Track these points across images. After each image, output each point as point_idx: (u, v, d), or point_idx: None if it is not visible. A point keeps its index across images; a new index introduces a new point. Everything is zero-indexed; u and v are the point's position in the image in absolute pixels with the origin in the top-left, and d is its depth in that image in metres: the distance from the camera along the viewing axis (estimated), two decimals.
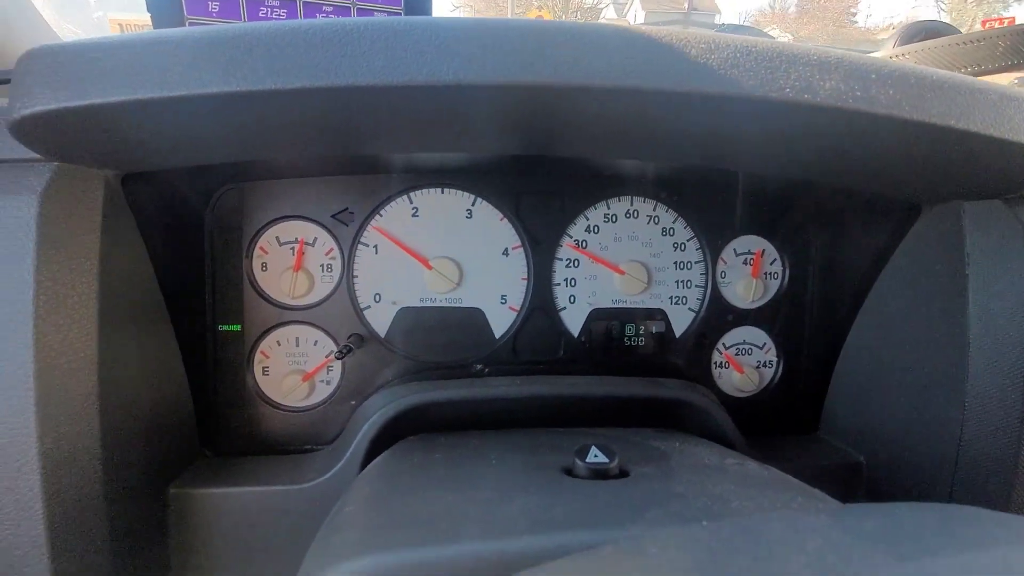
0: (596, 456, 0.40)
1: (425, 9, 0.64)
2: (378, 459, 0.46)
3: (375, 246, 0.65)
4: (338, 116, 0.42)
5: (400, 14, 0.64)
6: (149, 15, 0.57)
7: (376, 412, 0.54)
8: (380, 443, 0.53)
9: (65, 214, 0.40)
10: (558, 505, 0.33)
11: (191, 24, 0.58)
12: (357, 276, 0.65)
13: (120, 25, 0.74)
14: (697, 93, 0.34)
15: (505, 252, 0.68)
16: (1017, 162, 0.44)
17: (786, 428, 0.73)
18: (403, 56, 0.33)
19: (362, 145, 0.54)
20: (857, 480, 0.64)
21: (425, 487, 0.38)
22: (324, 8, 0.61)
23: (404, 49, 0.33)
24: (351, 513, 0.36)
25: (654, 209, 0.71)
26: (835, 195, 0.68)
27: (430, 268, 0.65)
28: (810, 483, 0.64)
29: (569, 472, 0.40)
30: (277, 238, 0.64)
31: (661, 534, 0.27)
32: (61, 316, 0.39)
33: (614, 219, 0.70)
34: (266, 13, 0.59)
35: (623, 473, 0.39)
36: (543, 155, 0.58)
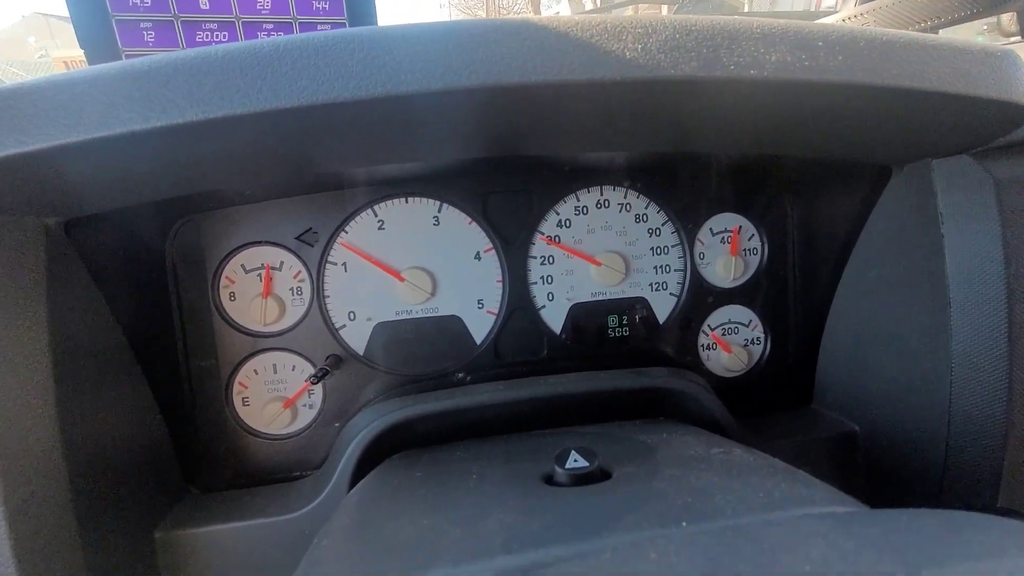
0: (576, 461, 0.39)
1: (369, 17, 0.62)
2: (358, 486, 0.45)
3: (344, 264, 0.64)
4: (279, 140, 0.40)
5: (344, 25, 0.63)
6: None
7: (359, 433, 0.53)
8: (366, 464, 0.52)
9: (3, 268, 0.38)
10: (535, 519, 0.32)
11: (127, 56, 0.56)
12: (329, 296, 0.64)
13: (65, 63, 0.72)
14: (634, 81, 0.33)
15: (477, 256, 0.67)
16: (979, 116, 0.43)
17: (780, 403, 0.73)
18: (327, 73, 0.31)
19: (315, 165, 0.53)
20: (853, 449, 0.63)
21: (403, 511, 0.37)
22: (264, 26, 0.59)
23: (326, 66, 0.31)
24: (327, 547, 0.35)
25: (625, 197, 0.70)
26: (806, 164, 0.67)
27: (402, 280, 0.64)
28: (808, 457, 0.64)
29: (550, 479, 0.39)
30: (242, 266, 0.62)
31: (663, 539, 0.26)
32: (9, 376, 0.38)
33: (585, 211, 0.69)
34: (205, 37, 0.58)
35: (605, 475, 0.38)
36: (508, 155, 0.57)
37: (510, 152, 0.58)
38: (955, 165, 0.51)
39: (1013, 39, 0.99)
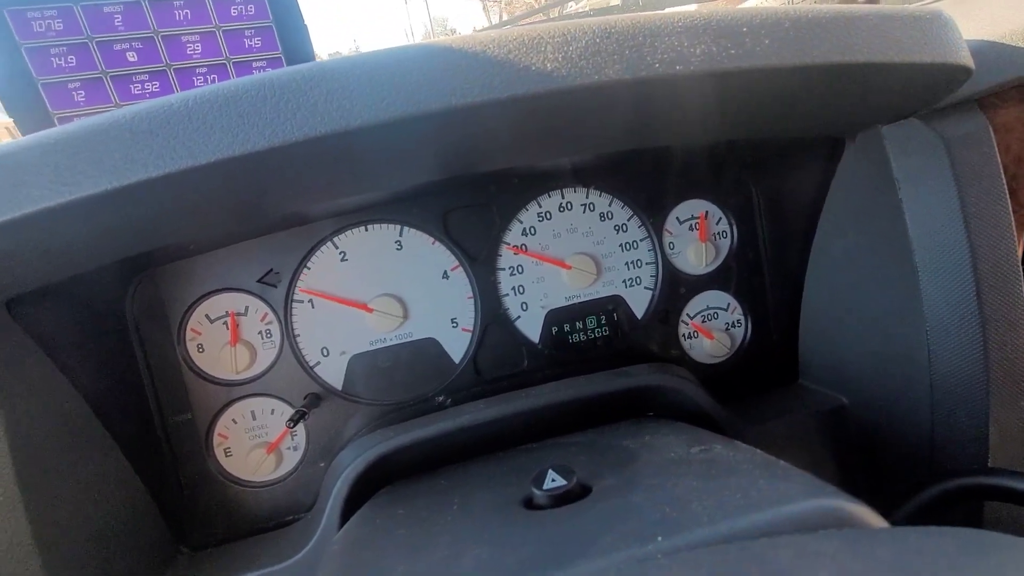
0: (554, 480, 0.38)
1: (305, 51, 0.61)
2: (341, 531, 0.44)
3: (310, 300, 0.63)
4: (216, 192, 0.39)
5: (280, 59, 0.62)
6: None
7: (344, 471, 0.52)
8: (354, 502, 0.51)
9: None
10: (510, 552, 0.31)
11: (59, 119, 0.55)
12: (299, 335, 0.63)
13: (8, 129, 0.71)
14: (559, 91, 0.32)
15: (445, 275, 0.66)
16: (920, 80, 0.43)
17: (768, 383, 0.72)
18: (239, 125, 0.30)
19: (264, 210, 0.52)
20: (844, 423, 0.63)
21: (384, 556, 0.36)
22: (198, 71, 0.58)
23: (238, 117, 0.30)
24: None
25: (587, 197, 0.69)
26: (764, 143, 0.66)
27: (371, 311, 0.63)
28: (799, 434, 0.63)
29: (530, 502, 0.38)
30: (207, 315, 0.61)
31: (666, 561, 0.26)
32: None
33: (548, 216, 0.68)
34: (138, 90, 0.56)
35: (585, 490, 0.38)
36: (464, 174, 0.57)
37: (466, 171, 0.57)
38: (905, 129, 0.51)
39: None
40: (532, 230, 0.68)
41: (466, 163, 0.54)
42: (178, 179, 0.32)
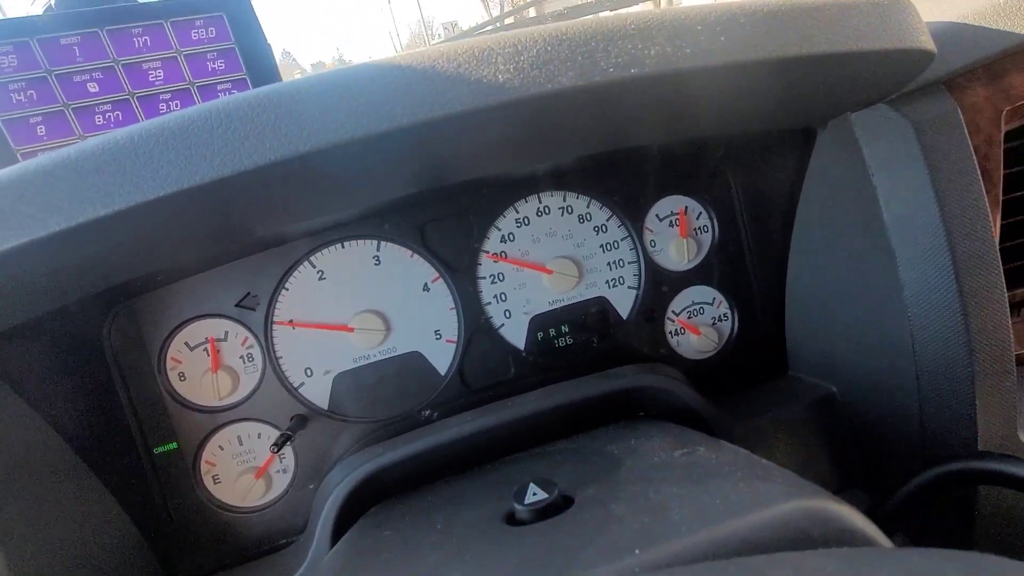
0: (535, 494, 0.37)
1: (268, 71, 0.61)
2: (327, 556, 0.44)
3: (290, 320, 0.62)
4: (183, 220, 0.39)
5: (245, 80, 0.61)
6: None
7: (331, 493, 0.52)
8: (344, 522, 0.50)
9: None
10: (492, 569, 0.31)
11: (23, 155, 0.54)
12: (281, 357, 0.62)
13: None
14: (512, 102, 0.32)
15: (425, 287, 0.65)
16: (883, 66, 0.43)
17: (758, 376, 0.72)
18: (186, 157, 0.30)
19: (234, 235, 0.52)
20: (834, 412, 0.63)
21: None
22: (162, 97, 0.58)
23: (185, 149, 0.30)
24: None
25: (564, 200, 0.69)
26: (737, 137, 0.66)
27: (351, 331, 0.62)
28: (791, 425, 0.63)
29: (512, 517, 0.37)
30: (186, 343, 0.60)
31: None
32: None
33: (527, 222, 0.68)
34: (100, 121, 0.56)
35: (567, 501, 0.37)
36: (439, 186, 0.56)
37: (438, 183, 0.57)
38: (873, 115, 0.50)
39: None
40: (511, 236, 0.67)
41: (437, 176, 0.53)
42: (131, 214, 0.31)
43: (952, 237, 0.48)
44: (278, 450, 0.57)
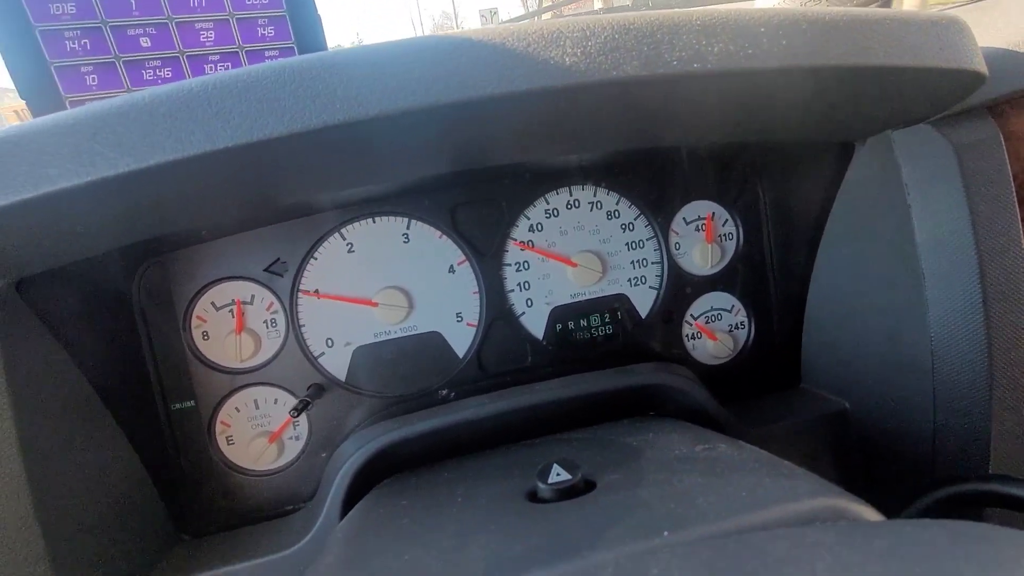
0: (559, 474, 0.38)
1: (318, 41, 0.61)
2: (344, 520, 0.44)
3: (316, 291, 0.63)
4: (233, 178, 0.39)
5: (293, 49, 0.62)
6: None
7: (346, 462, 0.52)
8: (355, 493, 0.51)
9: None
10: (517, 542, 0.31)
11: (71, 103, 0.55)
12: (304, 325, 0.63)
13: (16, 113, 0.71)
14: (577, 86, 0.32)
15: (451, 269, 0.66)
16: (933, 85, 0.43)
17: (770, 386, 0.72)
18: (259, 110, 0.30)
19: (277, 197, 0.52)
20: (845, 427, 0.63)
21: (388, 545, 0.36)
22: (210, 59, 0.58)
23: (259, 102, 0.30)
24: None
25: (594, 195, 0.69)
26: (772, 146, 0.66)
27: (375, 305, 0.63)
28: (800, 437, 0.64)
29: (534, 495, 0.38)
30: (213, 303, 0.61)
31: (665, 554, 0.26)
32: None
33: (556, 213, 0.68)
34: (150, 76, 0.56)
35: (589, 485, 0.38)
36: (474, 168, 0.57)
37: (475, 165, 0.57)
38: (915, 135, 0.51)
39: (963, 1, 0.99)
40: (539, 226, 0.68)
41: (477, 157, 0.54)
42: (194, 163, 0.32)
43: (984, 262, 0.48)
44: (298, 415, 0.57)
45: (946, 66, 0.40)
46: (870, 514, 0.31)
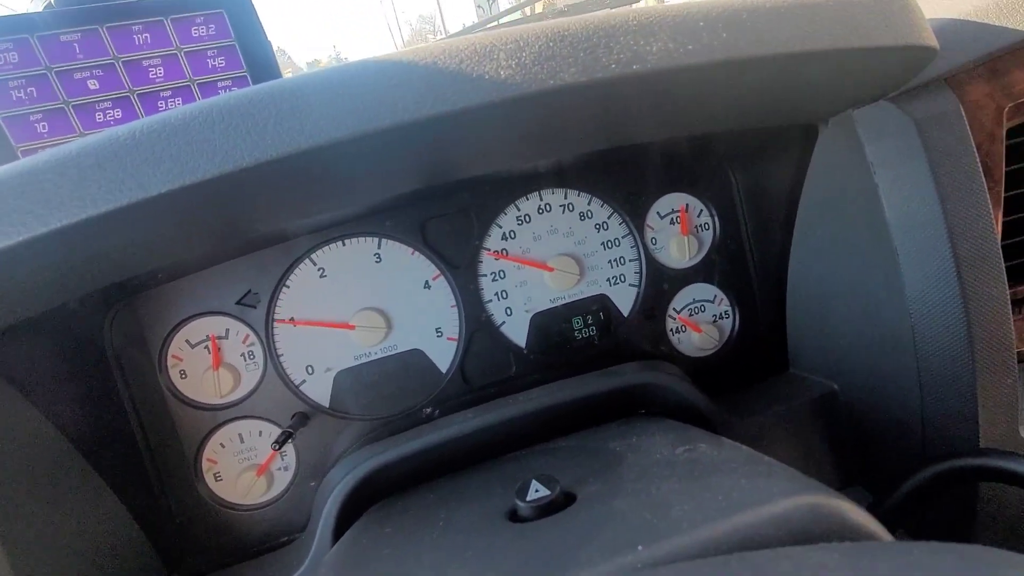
0: (537, 491, 0.37)
1: (269, 68, 0.60)
2: (328, 555, 0.44)
3: (291, 319, 0.62)
4: (187, 217, 0.39)
5: (246, 78, 0.61)
6: None
7: (333, 490, 0.52)
8: (346, 519, 0.50)
9: None
10: (494, 567, 0.31)
11: (23, 152, 0.54)
12: (282, 355, 0.62)
13: None
14: (512, 99, 0.32)
15: (427, 285, 0.65)
16: (886, 63, 0.43)
17: (759, 373, 0.72)
18: (189, 151, 0.30)
19: (237, 231, 0.51)
20: (835, 409, 0.63)
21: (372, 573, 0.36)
22: (162, 95, 0.58)
23: (188, 143, 0.30)
24: None
25: (565, 197, 0.68)
26: (738, 133, 0.66)
27: (353, 328, 0.62)
28: (792, 422, 0.63)
29: (514, 514, 0.37)
30: (187, 341, 0.60)
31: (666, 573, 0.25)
32: None
33: (528, 219, 0.68)
34: (101, 119, 0.56)
35: (569, 498, 0.37)
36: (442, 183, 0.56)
37: (440, 180, 0.57)
38: (876, 112, 0.50)
39: None
40: (512, 234, 0.67)
41: (438, 173, 0.53)
42: (133, 210, 0.31)
43: (954, 234, 0.48)
44: (279, 448, 0.57)
45: (894, 43, 0.39)
46: (851, 510, 0.30)
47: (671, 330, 0.72)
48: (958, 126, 0.48)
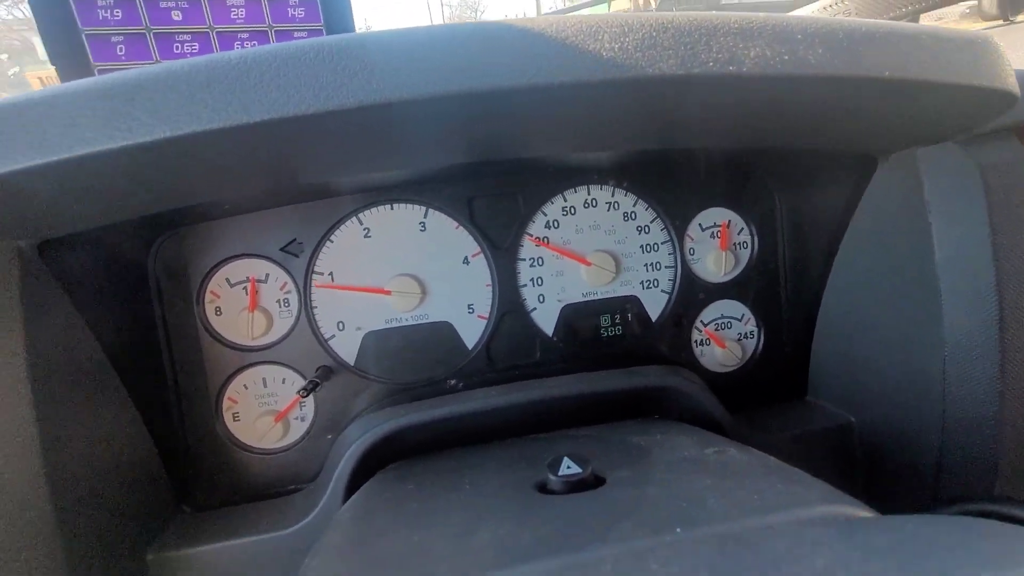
0: (569, 467, 0.38)
1: (347, 24, 0.61)
2: (350, 501, 0.45)
3: (330, 274, 0.63)
4: (258, 153, 0.39)
5: (321, 31, 0.62)
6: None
7: (351, 445, 0.53)
8: (359, 476, 0.51)
9: None
10: (527, 530, 0.31)
11: (100, 71, 0.55)
12: (316, 307, 0.63)
13: (40, 79, 0.71)
14: (612, 81, 0.32)
15: (465, 260, 0.66)
16: (963, 103, 0.43)
17: (776, 396, 0.72)
18: (297, 85, 0.31)
19: (297, 176, 0.52)
20: (850, 441, 0.63)
21: (395, 527, 0.36)
22: (240, 36, 0.58)
23: (297, 78, 0.31)
24: (318, 566, 0.34)
25: (612, 195, 0.69)
26: (793, 156, 0.66)
27: (388, 293, 0.63)
28: (805, 449, 0.64)
29: (544, 487, 0.38)
30: (227, 280, 0.61)
31: (664, 549, 0.26)
32: None
33: (573, 211, 0.68)
34: (179, 49, 0.57)
35: (599, 480, 0.38)
36: (494, 159, 0.57)
37: (495, 156, 0.57)
38: (940, 153, 0.51)
39: (993, 23, 0.99)
40: (555, 223, 0.68)
41: (499, 148, 0.54)
42: (227, 135, 0.32)
43: (1002, 284, 0.48)
44: (307, 395, 0.58)
45: (980, 84, 0.39)
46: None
47: (696, 341, 0.73)
48: (1021, 177, 0.48)
